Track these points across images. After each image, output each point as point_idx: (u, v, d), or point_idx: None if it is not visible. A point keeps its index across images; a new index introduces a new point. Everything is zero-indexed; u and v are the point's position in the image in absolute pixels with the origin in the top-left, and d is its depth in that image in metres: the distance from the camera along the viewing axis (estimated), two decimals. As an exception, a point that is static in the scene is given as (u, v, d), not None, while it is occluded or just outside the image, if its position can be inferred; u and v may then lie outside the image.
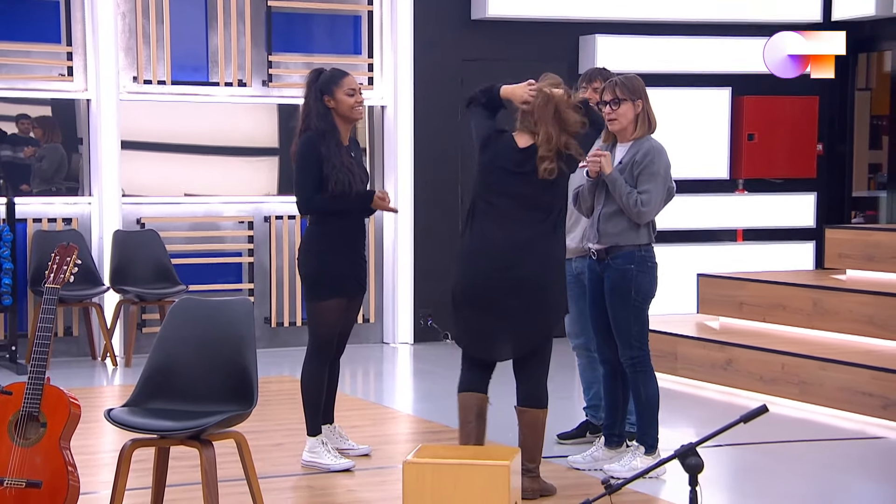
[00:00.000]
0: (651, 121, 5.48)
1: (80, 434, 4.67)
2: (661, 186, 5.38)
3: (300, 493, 5.37)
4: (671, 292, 9.61)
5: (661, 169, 5.40)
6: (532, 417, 5.12)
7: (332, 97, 5.59)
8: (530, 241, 5.04)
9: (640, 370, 5.47)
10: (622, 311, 5.43)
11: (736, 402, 7.37)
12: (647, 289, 5.46)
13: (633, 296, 5.41)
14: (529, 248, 5.03)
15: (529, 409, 5.13)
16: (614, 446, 5.61)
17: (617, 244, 5.40)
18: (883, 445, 6.44)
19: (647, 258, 5.44)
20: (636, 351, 5.46)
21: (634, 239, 5.40)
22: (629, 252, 5.40)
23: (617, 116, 5.41)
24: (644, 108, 5.45)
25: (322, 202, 5.57)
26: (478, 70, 9.55)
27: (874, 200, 11.41)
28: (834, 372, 7.07)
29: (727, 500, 5.47)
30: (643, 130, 5.45)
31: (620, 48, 9.86)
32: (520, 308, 5.03)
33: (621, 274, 5.40)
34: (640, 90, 5.45)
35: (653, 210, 5.38)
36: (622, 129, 5.45)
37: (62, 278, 4.39)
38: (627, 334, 5.44)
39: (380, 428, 6.49)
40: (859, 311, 7.54)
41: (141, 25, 9.01)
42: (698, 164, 10.22)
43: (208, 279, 9.15)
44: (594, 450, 5.66)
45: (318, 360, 5.66)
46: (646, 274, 5.43)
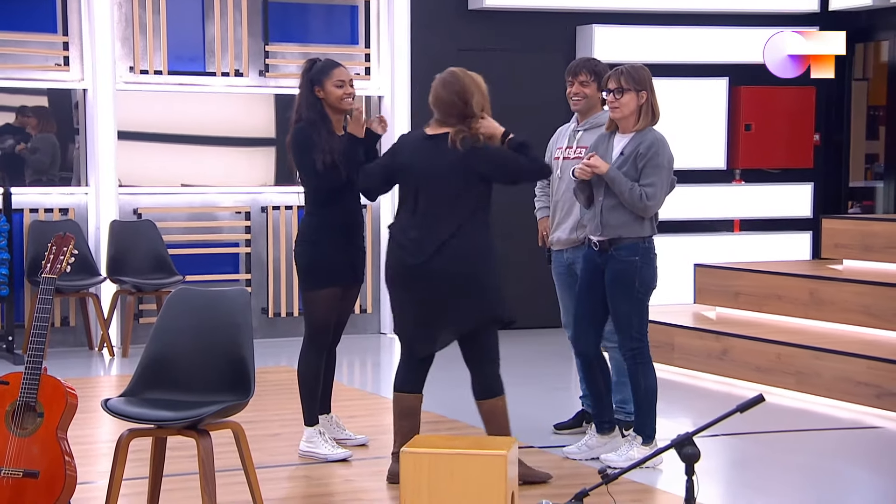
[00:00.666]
0: (655, 113, 5.45)
1: (77, 424, 4.67)
2: (665, 178, 5.38)
3: (297, 483, 5.37)
4: (668, 282, 9.65)
5: (665, 161, 5.39)
6: (489, 407, 5.13)
7: (321, 88, 5.60)
8: (450, 233, 5.02)
9: (639, 361, 5.47)
10: (624, 302, 5.43)
11: (732, 392, 7.39)
12: (650, 281, 5.46)
13: (636, 287, 5.41)
14: (448, 239, 5.02)
15: (485, 401, 5.12)
16: (606, 432, 5.62)
17: (620, 236, 5.39)
18: (878, 435, 6.45)
19: (650, 249, 5.45)
20: (636, 342, 5.46)
21: (638, 231, 5.40)
22: (633, 244, 5.40)
23: (619, 106, 5.38)
24: (648, 99, 5.41)
25: (331, 179, 5.51)
26: (475, 60, 9.53)
27: (871, 191, 11.41)
28: (830, 362, 7.08)
29: (723, 489, 5.48)
30: (646, 122, 5.42)
31: (617, 38, 9.84)
32: (442, 300, 5.04)
33: (625, 266, 5.40)
34: (645, 81, 5.41)
35: (658, 203, 5.38)
36: (624, 119, 5.42)
37: (59, 268, 4.39)
38: (628, 326, 5.44)
39: (377, 418, 6.49)
40: (856, 301, 7.55)
41: (137, 15, 9.00)
42: (695, 154, 10.21)
43: (205, 269, 9.14)
44: (587, 438, 5.68)
45: (315, 350, 5.67)
46: (649, 266, 5.44)
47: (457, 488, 4.10)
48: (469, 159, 5.02)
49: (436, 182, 5.06)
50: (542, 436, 6.15)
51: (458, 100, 5.05)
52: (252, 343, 4.53)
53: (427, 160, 5.08)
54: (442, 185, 5.05)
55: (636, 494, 5.11)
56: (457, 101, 5.05)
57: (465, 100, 5.05)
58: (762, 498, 5.28)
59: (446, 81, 5.10)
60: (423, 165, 5.09)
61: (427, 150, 5.10)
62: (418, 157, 5.12)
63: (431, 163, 5.07)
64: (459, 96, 5.05)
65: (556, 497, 4.72)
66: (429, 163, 5.07)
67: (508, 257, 9.39)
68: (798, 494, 5.34)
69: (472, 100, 5.05)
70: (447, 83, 5.09)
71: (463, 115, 5.05)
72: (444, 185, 5.05)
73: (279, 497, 5.10)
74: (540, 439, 6.07)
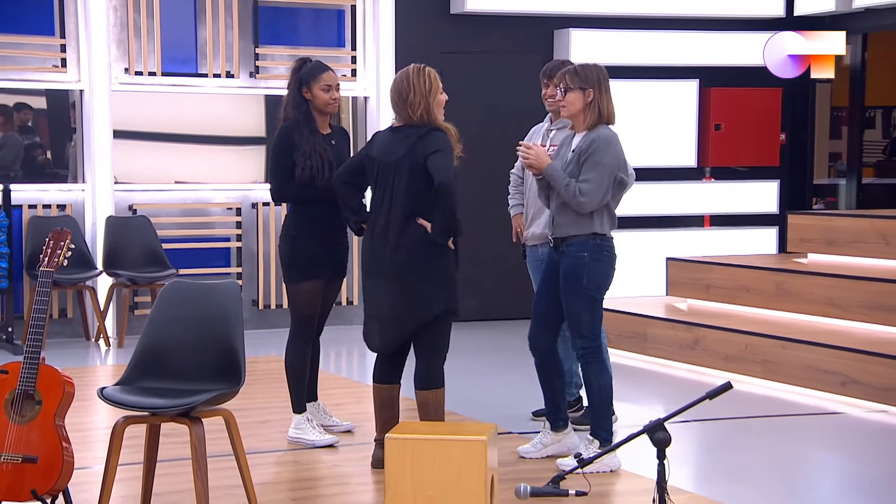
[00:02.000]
0: (602, 111, 5.15)
1: (75, 411, 4.66)
2: (604, 176, 5.08)
3: (286, 468, 5.37)
4: (642, 275, 9.70)
5: (606, 159, 5.09)
6: (422, 399, 5.11)
7: (309, 89, 5.58)
8: (401, 230, 5.02)
9: (591, 361, 5.23)
10: (574, 299, 5.20)
11: (703, 380, 7.41)
12: (599, 278, 5.19)
13: (584, 284, 5.17)
14: (400, 237, 5.02)
15: (421, 391, 5.11)
16: (560, 429, 5.44)
17: (570, 233, 5.19)
18: (841, 420, 6.49)
19: (601, 247, 5.18)
20: (587, 342, 5.21)
21: (588, 228, 5.16)
22: (582, 241, 5.17)
23: (565, 104, 5.20)
24: (595, 98, 5.14)
25: (292, 190, 5.56)
26: (457, 62, 9.55)
27: (834, 188, 11.47)
28: (795, 351, 7.11)
29: (693, 472, 5.50)
30: (592, 120, 5.16)
31: (593, 41, 9.85)
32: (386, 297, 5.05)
33: (574, 262, 5.18)
34: (592, 80, 5.14)
35: (593, 200, 5.08)
36: (573, 118, 5.23)
37: (56, 262, 4.37)
38: (579, 324, 5.20)
39: (362, 405, 6.49)
40: (820, 293, 7.58)
41: (132, 19, 8.96)
42: (667, 152, 10.25)
43: (198, 263, 9.12)
44: (541, 436, 5.49)
45: (301, 340, 5.66)
46: (599, 262, 5.17)
47: (438, 472, 4.10)
48: (416, 148, 5.03)
49: (391, 170, 5.07)
50: (521, 422, 6.16)
51: (397, 97, 5.12)
52: (242, 334, 4.52)
53: (387, 150, 5.12)
54: (395, 173, 5.06)
55: (609, 477, 5.13)
56: (396, 99, 5.12)
57: (403, 98, 5.09)
58: (730, 480, 5.29)
59: (394, 80, 5.18)
60: (383, 155, 5.12)
61: (389, 141, 5.14)
62: (383, 148, 5.15)
63: (389, 152, 5.10)
64: (399, 94, 5.11)
65: (532, 481, 4.73)
66: (387, 152, 5.10)
67: (488, 251, 9.45)
68: (764, 477, 5.36)
69: (409, 98, 5.07)
70: (394, 81, 5.17)
71: (405, 110, 5.09)
72: (397, 173, 5.06)
73: (269, 481, 5.09)
74: (519, 425, 6.08)
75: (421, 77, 5.11)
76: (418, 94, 5.07)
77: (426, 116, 5.07)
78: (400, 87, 5.11)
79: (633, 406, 6.56)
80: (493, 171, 8.35)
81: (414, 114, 5.07)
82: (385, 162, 5.09)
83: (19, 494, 4.19)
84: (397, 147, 5.08)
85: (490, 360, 8.23)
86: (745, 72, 10.39)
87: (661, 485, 3.44)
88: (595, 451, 5.08)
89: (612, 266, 5.25)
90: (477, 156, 7.43)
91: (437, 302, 5.05)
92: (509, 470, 5.13)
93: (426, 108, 5.07)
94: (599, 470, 5.11)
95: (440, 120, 5.12)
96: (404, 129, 5.11)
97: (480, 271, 9.49)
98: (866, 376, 6.66)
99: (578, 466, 3.76)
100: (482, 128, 9.36)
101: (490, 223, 8.92)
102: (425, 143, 5.02)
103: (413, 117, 5.07)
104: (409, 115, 5.09)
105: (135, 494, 4.66)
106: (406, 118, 5.11)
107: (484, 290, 9.62)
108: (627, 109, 9.73)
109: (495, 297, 9.71)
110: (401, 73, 5.18)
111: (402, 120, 5.13)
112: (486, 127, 9.46)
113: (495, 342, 8.92)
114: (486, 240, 9.22)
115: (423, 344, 5.13)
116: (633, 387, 7.20)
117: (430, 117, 5.07)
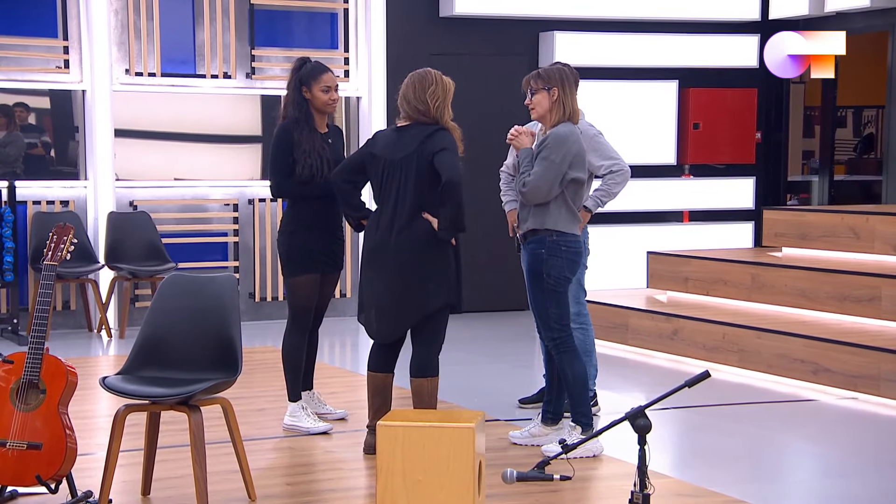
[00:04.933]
0: (567, 109, 5.10)
1: (77, 400, 4.65)
2: (549, 172, 5.00)
3: (282, 454, 5.36)
4: (623, 268, 9.71)
5: (553, 155, 5.01)
6: (416, 386, 5.09)
7: (308, 89, 5.56)
8: (406, 224, 5.00)
9: (562, 350, 5.19)
10: (538, 293, 5.18)
11: (682, 369, 7.42)
12: (559, 273, 5.12)
13: (544, 279, 5.13)
14: (405, 231, 5.00)
15: (416, 379, 5.09)
16: (549, 423, 5.42)
17: (532, 228, 5.16)
18: (813, 407, 6.51)
19: (559, 243, 5.11)
20: (556, 332, 5.17)
21: (548, 224, 5.11)
22: (541, 237, 5.13)
23: (533, 106, 5.17)
24: (559, 96, 5.09)
25: (291, 187, 5.54)
26: (446, 64, 9.52)
27: (807, 184, 11.50)
28: (770, 341, 7.12)
29: (673, 457, 5.51)
30: (556, 118, 5.12)
31: (577, 44, 9.85)
32: (388, 290, 5.02)
33: (533, 258, 5.15)
34: (555, 79, 5.10)
35: (534, 193, 5.03)
36: (542, 119, 5.19)
37: (59, 256, 4.36)
38: (546, 317, 5.17)
39: (355, 394, 6.49)
40: (793, 285, 7.60)
41: (132, 21, 8.93)
42: (648, 150, 10.25)
43: (196, 257, 9.11)
44: (531, 426, 5.47)
45: (297, 331, 5.65)
46: (558, 258, 5.10)
47: (428, 458, 4.10)
48: (424, 146, 5.01)
49: (398, 167, 5.05)
50: (508, 410, 6.16)
51: (418, 87, 5.07)
52: (239, 325, 4.51)
53: (392, 148, 5.09)
54: (402, 170, 5.03)
55: (592, 462, 5.13)
56: (416, 89, 5.08)
57: (424, 87, 5.07)
58: (708, 465, 5.31)
59: (413, 75, 5.13)
60: (388, 153, 5.09)
61: (394, 139, 5.11)
62: (387, 146, 5.12)
63: (395, 149, 5.07)
64: (421, 84, 5.07)
65: (519, 467, 4.73)
66: (393, 150, 5.08)
67: (481, 246, 9.44)
68: (741, 461, 5.38)
69: (432, 89, 5.05)
70: (412, 76, 5.12)
71: (423, 102, 5.05)
72: (404, 170, 5.03)
73: (265, 467, 5.08)
74: (506, 413, 6.09)
75: (442, 77, 5.13)
76: (440, 87, 5.06)
77: (441, 110, 5.04)
78: (424, 78, 5.06)
79: (614, 394, 6.57)
80: (479, 170, 8.34)
81: (432, 105, 5.02)
82: (391, 159, 5.06)
83: (24, 480, 4.19)
84: (404, 145, 5.05)
85: (479, 349, 8.23)
86: (722, 73, 10.41)
87: (641, 469, 3.44)
88: (578, 438, 5.08)
89: (573, 261, 5.17)
90: (464, 155, 7.41)
91: (439, 296, 5.04)
92: (496, 456, 5.13)
93: (444, 101, 5.05)
94: (583, 455, 5.11)
95: (449, 119, 5.11)
96: (411, 127, 5.07)
97: (469, 265, 9.47)
98: (837, 365, 6.68)
99: (563, 452, 3.76)
100: (469, 128, 9.28)
101: (473, 220, 8.89)
102: (432, 142, 5.00)
103: (430, 108, 5.02)
104: (424, 108, 5.02)
105: (136, 480, 4.65)
106: (418, 114, 5.04)
107: (472, 283, 9.61)
108: (610, 109, 9.77)
109: (484, 290, 9.71)
110: (421, 70, 5.12)
111: (411, 117, 5.08)
112: (473, 127, 9.41)
113: (483, 332, 8.92)
114: (471, 235, 9.20)
115: (422, 334, 5.12)
116: (615, 375, 7.21)
117: (444, 112, 5.06)
